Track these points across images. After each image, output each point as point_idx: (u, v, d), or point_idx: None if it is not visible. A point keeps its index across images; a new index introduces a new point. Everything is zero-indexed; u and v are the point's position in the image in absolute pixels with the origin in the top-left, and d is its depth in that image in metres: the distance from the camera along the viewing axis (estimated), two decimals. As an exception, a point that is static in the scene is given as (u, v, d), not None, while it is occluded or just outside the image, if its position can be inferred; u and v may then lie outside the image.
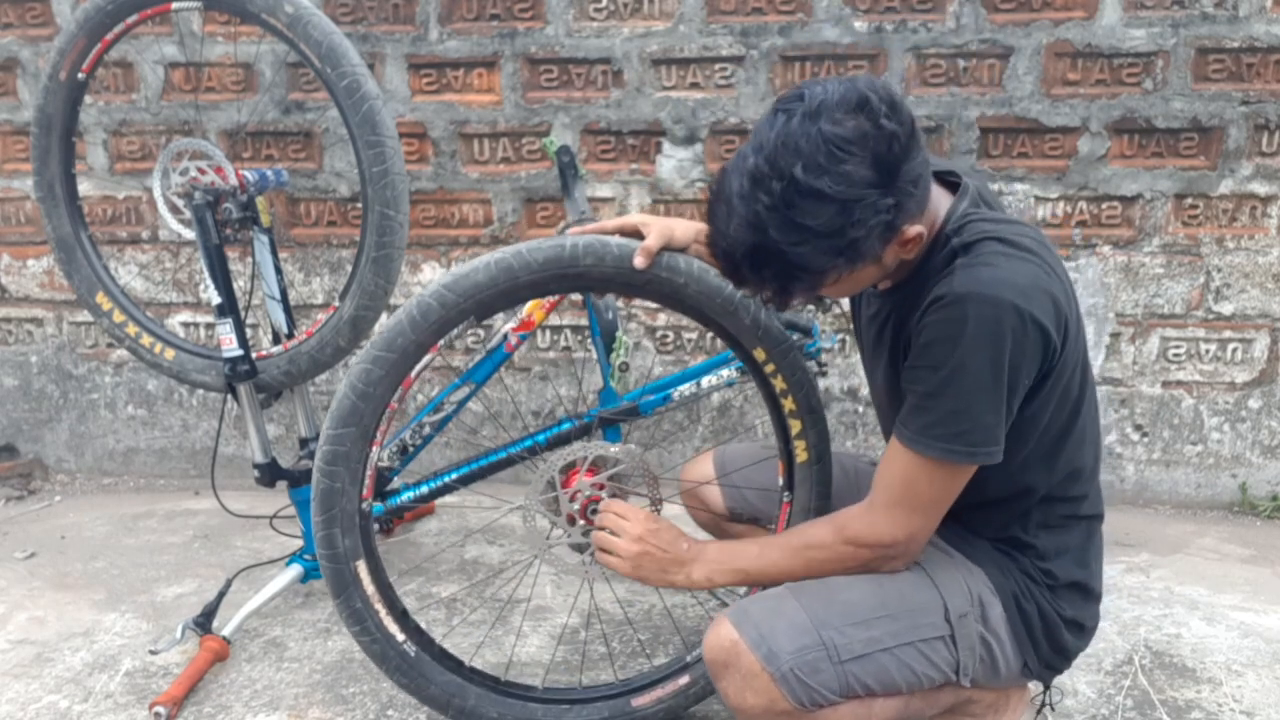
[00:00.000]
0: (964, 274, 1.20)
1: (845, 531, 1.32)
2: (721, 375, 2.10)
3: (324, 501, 1.48)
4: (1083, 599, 1.42)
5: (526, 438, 2.06)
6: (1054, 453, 1.34)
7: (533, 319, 2.06)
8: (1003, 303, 1.17)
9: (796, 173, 1.11)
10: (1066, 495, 1.38)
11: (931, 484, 1.26)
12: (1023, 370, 1.21)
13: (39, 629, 2.13)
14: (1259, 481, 2.77)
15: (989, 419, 1.21)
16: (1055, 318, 1.21)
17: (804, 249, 1.15)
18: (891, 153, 1.12)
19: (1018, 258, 1.22)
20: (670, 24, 2.63)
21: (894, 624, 1.32)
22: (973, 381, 1.19)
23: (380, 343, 1.46)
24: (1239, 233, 2.62)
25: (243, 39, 2.70)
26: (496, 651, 2.01)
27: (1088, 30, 2.53)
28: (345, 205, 2.82)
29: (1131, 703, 1.82)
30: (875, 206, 1.13)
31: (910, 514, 1.28)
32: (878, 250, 1.19)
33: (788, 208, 1.13)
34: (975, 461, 1.24)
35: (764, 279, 1.21)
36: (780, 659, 1.27)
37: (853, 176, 1.11)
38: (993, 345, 1.18)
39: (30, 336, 3.01)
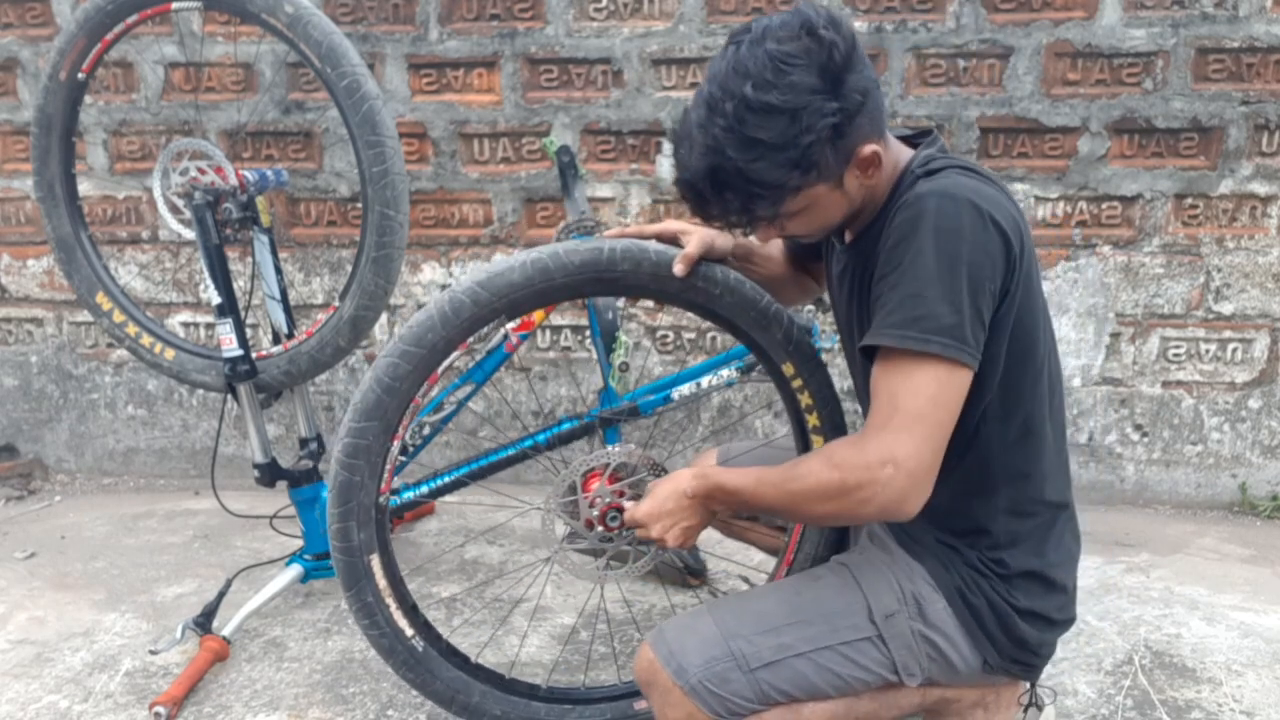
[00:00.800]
0: (924, 183, 1.24)
1: (833, 457, 1.24)
2: (721, 375, 2.10)
3: (342, 494, 1.47)
4: (1042, 589, 1.38)
5: (527, 437, 2.06)
6: (1011, 407, 1.32)
7: (533, 319, 2.07)
8: (961, 199, 1.19)
9: (746, 91, 1.17)
10: (1024, 470, 1.35)
11: (912, 390, 1.18)
12: (984, 270, 1.19)
13: (39, 629, 2.13)
14: (1259, 481, 2.77)
15: (945, 309, 1.17)
16: (1013, 227, 1.23)
17: (760, 164, 1.19)
18: (833, 61, 1.17)
19: (979, 180, 1.25)
20: (670, 24, 2.63)
21: (808, 629, 1.32)
22: (928, 268, 1.18)
23: (409, 337, 1.44)
24: (1239, 233, 2.62)
25: (243, 39, 2.70)
26: (497, 651, 2.01)
27: (1088, 30, 2.53)
28: (345, 205, 2.82)
29: (1131, 703, 1.82)
30: (821, 110, 1.17)
31: (898, 432, 1.18)
32: (831, 163, 1.22)
33: (741, 125, 1.18)
34: (931, 350, 1.17)
35: (726, 202, 1.25)
36: (689, 672, 1.29)
37: (798, 85, 1.16)
38: (952, 235, 1.19)
39: (30, 336, 3.01)
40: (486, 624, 2.13)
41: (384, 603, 1.52)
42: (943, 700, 1.44)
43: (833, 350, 2.65)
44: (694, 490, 1.36)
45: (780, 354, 1.54)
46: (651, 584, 2.28)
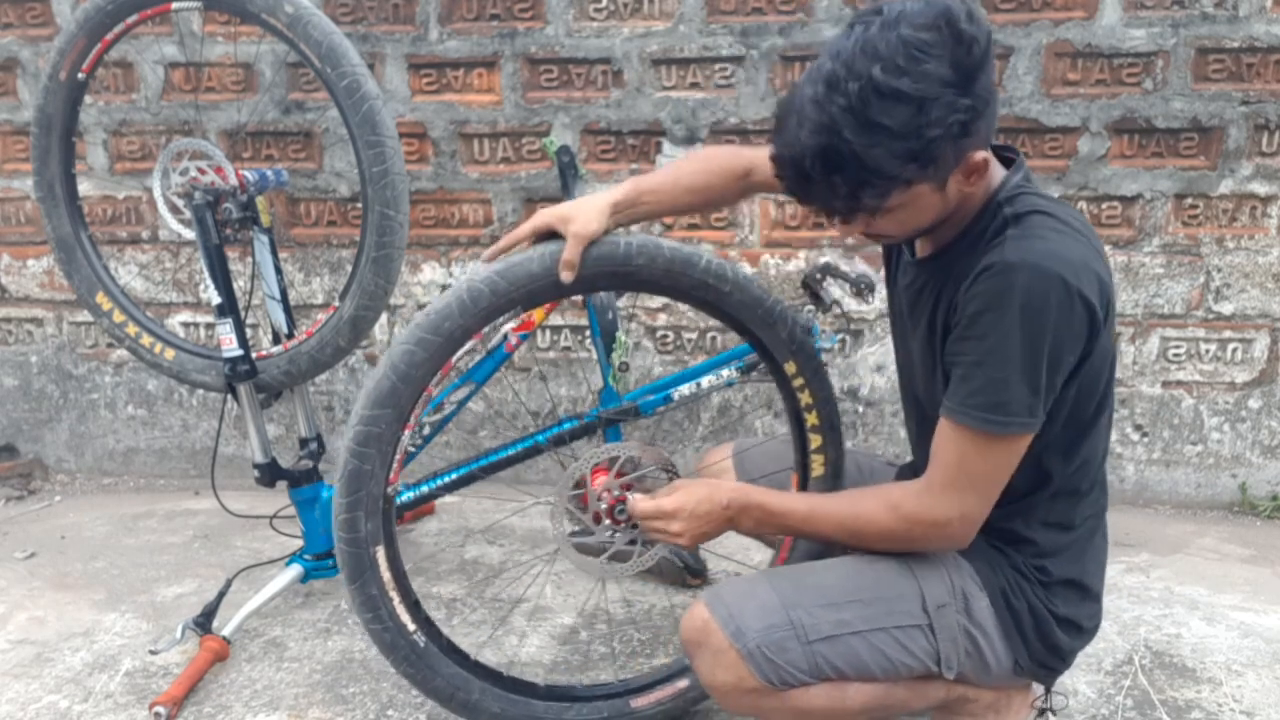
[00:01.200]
0: (1015, 244, 1.21)
1: (900, 510, 1.31)
2: (721, 375, 2.10)
3: (351, 483, 1.45)
4: (1079, 597, 1.41)
5: (527, 437, 2.06)
6: (1075, 442, 1.34)
7: (533, 319, 2.07)
8: (1052, 275, 1.18)
9: (875, 73, 1.11)
10: (1076, 489, 1.38)
11: (982, 459, 1.26)
12: (1066, 347, 1.21)
13: (39, 629, 2.13)
14: (1259, 481, 2.77)
15: (1026, 391, 1.21)
16: (1100, 298, 1.22)
17: (878, 150, 1.14)
18: (971, 56, 1.13)
19: (1069, 235, 1.23)
20: (670, 24, 2.63)
21: (866, 609, 1.34)
22: (1014, 352, 1.19)
23: (427, 325, 1.43)
24: (1239, 233, 2.62)
25: (243, 39, 2.70)
26: (497, 651, 2.01)
27: (1088, 30, 2.53)
28: (345, 205, 2.82)
29: (1131, 703, 1.82)
30: (953, 106, 1.13)
31: (964, 492, 1.28)
32: (949, 161, 1.18)
33: (864, 107, 1.12)
34: (1009, 432, 1.23)
35: (834, 185, 1.19)
36: (747, 636, 1.29)
37: (931, 75, 1.12)
38: (1038, 316, 1.18)
39: (30, 336, 3.01)
40: (486, 623, 2.13)
41: (388, 596, 1.51)
42: (962, 698, 1.45)
43: (832, 350, 2.65)
44: (731, 503, 1.38)
45: (784, 353, 1.55)
46: (651, 583, 2.28)
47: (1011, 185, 1.29)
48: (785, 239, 2.74)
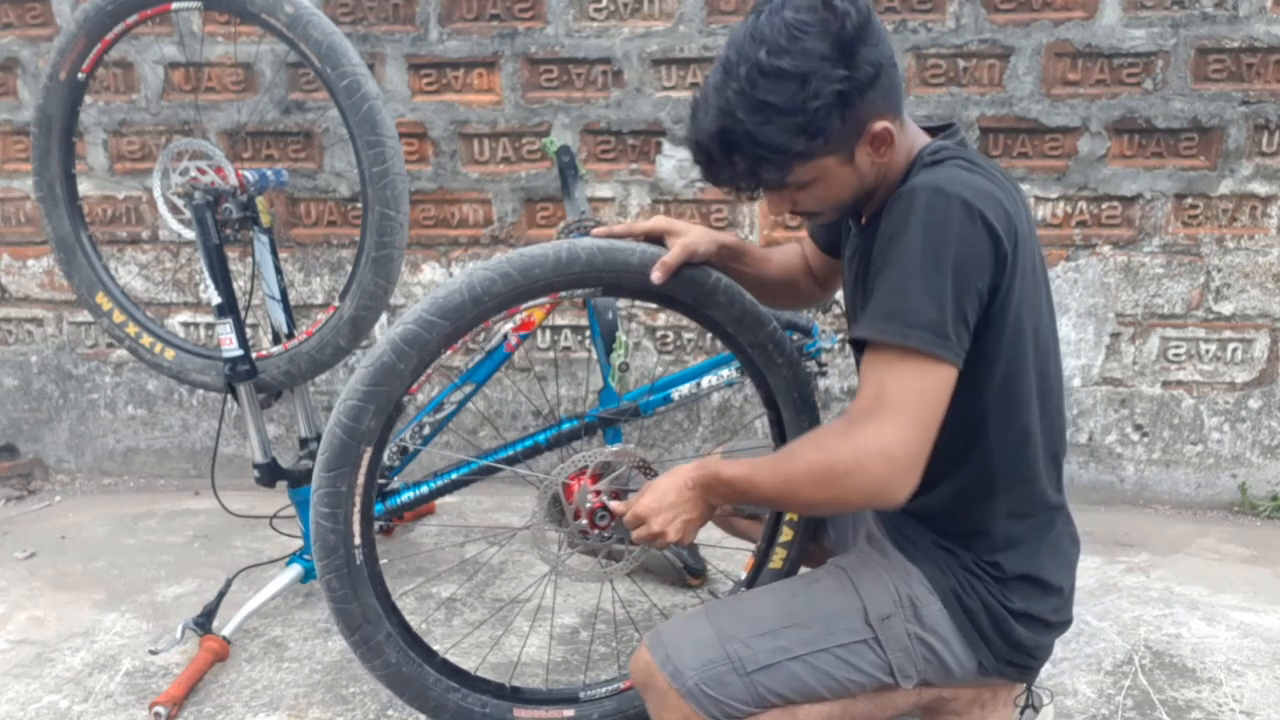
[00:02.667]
0: (920, 174, 1.26)
1: (820, 440, 1.26)
2: (721, 375, 2.10)
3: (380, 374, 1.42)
4: (1038, 592, 1.38)
5: (527, 438, 2.06)
6: (1013, 410, 1.32)
7: (533, 319, 2.07)
8: (952, 195, 1.20)
9: (760, 56, 1.19)
10: (1023, 474, 1.36)
11: (895, 379, 1.20)
12: (970, 265, 1.20)
13: (39, 629, 2.13)
14: (1259, 481, 2.77)
15: (927, 304, 1.18)
16: (1005, 226, 1.22)
17: (768, 128, 1.20)
18: (845, 30, 1.19)
19: (979, 172, 1.26)
20: (670, 24, 2.63)
21: (804, 632, 1.33)
22: (912, 262, 1.20)
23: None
24: (1239, 233, 2.62)
25: (243, 39, 2.70)
26: (496, 652, 2.01)
27: (1088, 30, 2.53)
28: (345, 205, 2.82)
29: (1131, 703, 1.82)
30: (829, 77, 1.19)
31: (881, 420, 1.19)
32: (840, 133, 1.22)
33: (752, 88, 1.20)
34: (912, 344, 1.18)
35: (734, 165, 1.26)
36: (685, 675, 1.29)
37: (809, 51, 1.18)
38: (938, 231, 1.19)
39: (30, 336, 3.01)
40: (486, 623, 2.13)
41: (352, 500, 1.46)
42: (939, 699, 1.44)
43: (833, 350, 2.66)
44: (694, 481, 1.35)
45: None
46: (651, 584, 2.28)
47: (934, 146, 1.32)
48: (785, 239, 2.74)
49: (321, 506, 1.46)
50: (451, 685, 1.57)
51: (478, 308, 1.43)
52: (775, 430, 1.70)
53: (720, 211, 2.74)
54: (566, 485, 1.52)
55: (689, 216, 2.75)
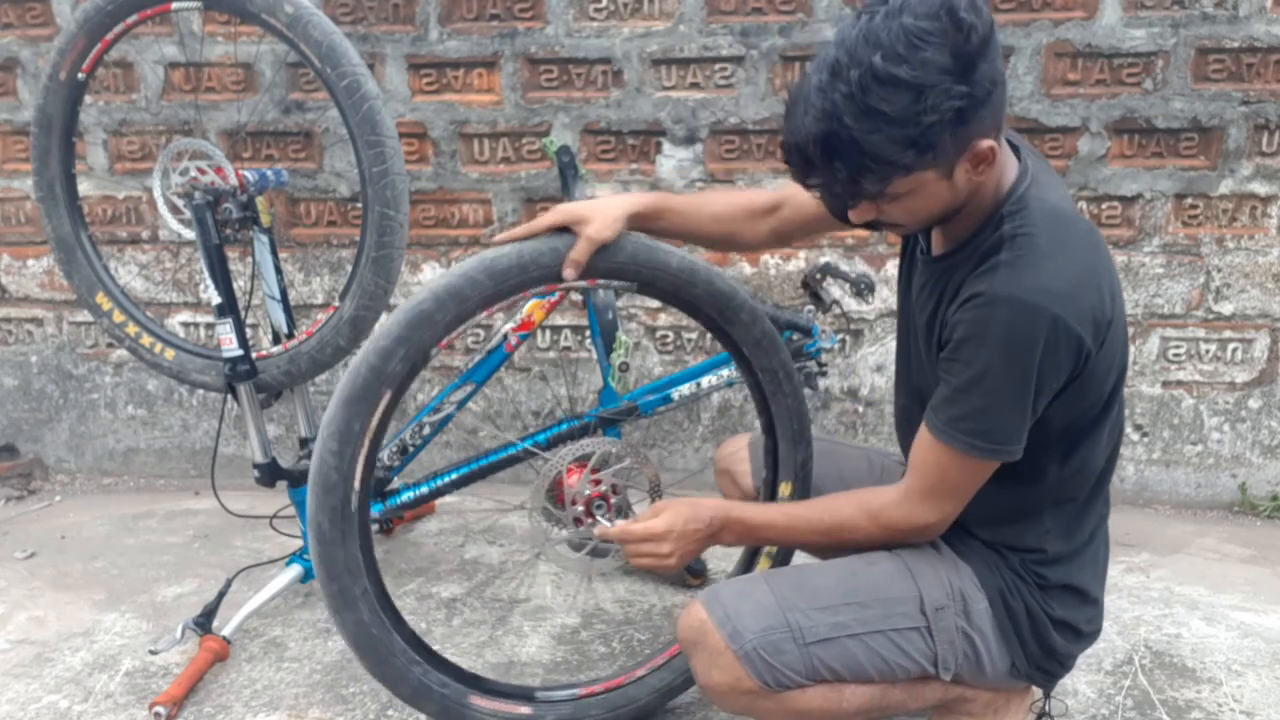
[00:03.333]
0: (1005, 272, 1.23)
1: (880, 518, 1.37)
2: (721, 375, 2.10)
3: (416, 320, 1.42)
4: (1076, 601, 1.41)
5: (527, 437, 2.06)
6: (1072, 448, 1.35)
7: (533, 319, 2.07)
8: (1040, 310, 1.19)
9: (875, 61, 1.13)
10: (1074, 497, 1.39)
11: (961, 473, 1.31)
12: (1050, 377, 1.24)
13: (39, 629, 2.13)
14: (1259, 481, 2.77)
15: (1013, 420, 1.26)
16: (1094, 323, 1.23)
17: (876, 136, 1.15)
18: (969, 44, 1.14)
19: (1064, 258, 1.23)
20: (670, 24, 2.63)
21: (864, 611, 1.35)
22: (1001, 384, 1.24)
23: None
24: (1239, 233, 2.62)
25: (243, 39, 2.70)
26: (497, 651, 2.01)
27: (1088, 30, 2.53)
28: (345, 205, 2.82)
29: (1131, 703, 1.82)
30: (949, 92, 1.13)
31: (942, 500, 1.34)
32: (948, 150, 1.18)
33: (864, 94, 1.14)
34: (996, 459, 1.29)
35: (834, 171, 1.20)
36: (744, 637, 1.30)
37: (929, 63, 1.13)
38: (1025, 352, 1.21)
39: (30, 336, 3.01)
40: (486, 623, 2.13)
41: (362, 439, 1.45)
42: (960, 698, 1.45)
43: (833, 351, 2.65)
44: (712, 520, 1.40)
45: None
46: (651, 583, 2.28)
47: (1016, 196, 1.28)
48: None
49: (330, 442, 1.43)
50: (415, 658, 1.55)
51: (523, 275, 1.43)
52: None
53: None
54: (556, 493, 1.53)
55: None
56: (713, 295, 1.53)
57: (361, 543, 1.48)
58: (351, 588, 1.47)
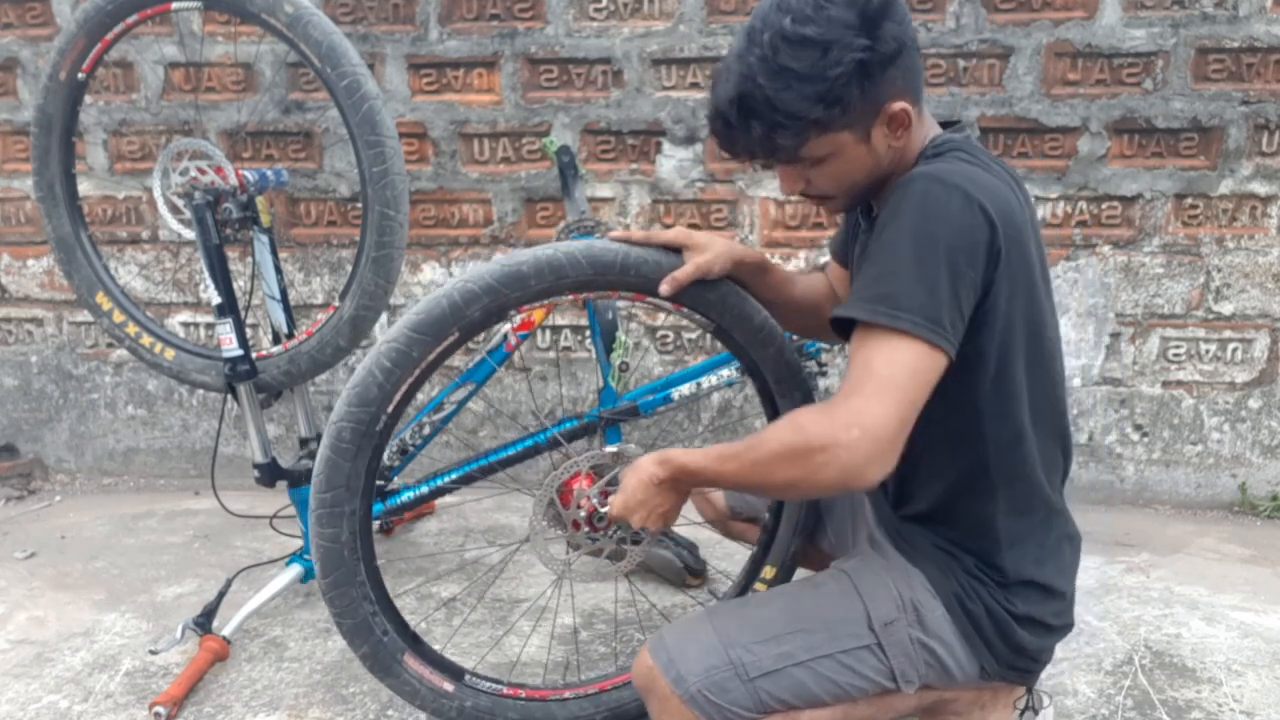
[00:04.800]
0: (924, 165, 1.27)
1: (796, 418, 1.23)
2: (721, 375, 2.10)
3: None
4: (1040, 595, 1.38)
5: (527, 438, 2.06)
6: (1007, 405, 1.31)
7: (533, 319, 2.07)
8: (949, 184, 1.20)
9: (785, 24, 1.20)
10: (1021, 471, 1.35)
11: (880, 357, 1.18)
12: (961, 251, 1.19)
13: (39, 629, 2.13)
14: (1259, 481, 2.77)
15: (919, 289, 1.17)
16: (1004, 218, 1.22)
17: (788, 94, 1.21)
18: (870, 4, 1.21)
19: (981, 165, 1.26)
20: (670, 24, 2.63)
21: (808, 638, 1.32)
22: (905, 247, 1.19)
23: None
24: (1239, 233, 2.62)
25: (243, 39, 2.70)
26: (497, 651, 2.02)
27: (1088, 30, 2.53)
28: (345, 205, 2.82)
29: (1131, 703, 1.82)
30: (851, 45, 1.20)
31: (866, 398, 1.16)
32: (858, 107, 1.23)
33: (775, 54, 1.21)
34: (902, 326, 1.17)
35: (750, 130, 1.26)
36: (687, 681, 1.29)
37: (834, 20, 1.20)
38: (932, 218, 1.20)
39: (30, 336, 3.01)
40: (486, 623, 2.13)
41: (413, 369, 1.44)
42: (940, 701, 1.44)
43: (833, 350, 2.65)
44: (659, 477, 1.35)
45: None
46: (651, 583, 2.28)
47: (940, 139, 1.32)
48: (785, 239, 2.74)
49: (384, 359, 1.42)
50: (370, 596, 1.54)
51: (623, 274, 1.47)
52: None
53: (720, 211, 2.74)
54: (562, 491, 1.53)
55: (689, 216, 2.75)
56: (779, 363, 1.58)
57: (368, 465, 1.48)
58: (343, 503, 1.47)
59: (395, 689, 1.58)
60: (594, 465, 1.54)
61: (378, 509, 2.09)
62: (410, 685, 1.57)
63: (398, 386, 1.44)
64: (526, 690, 1.66)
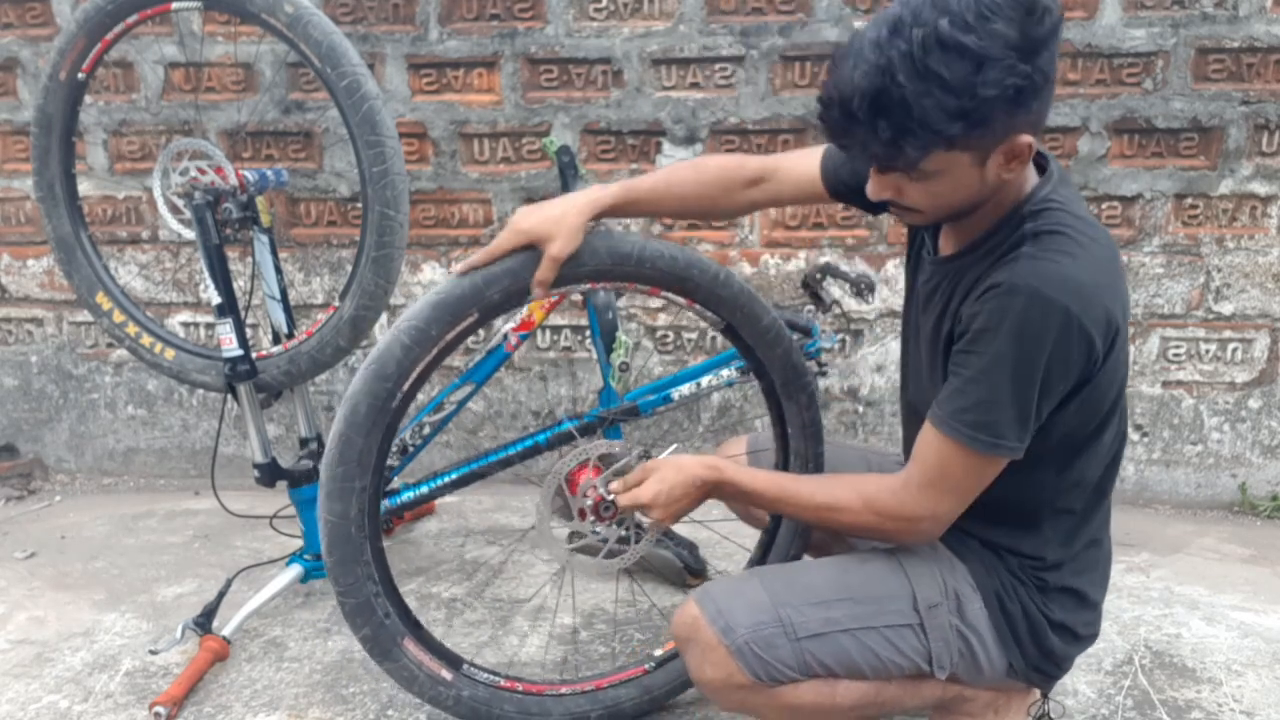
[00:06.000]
0: (1027, 264, 1.20)
1: (874, 504, 1.34)
2: (721, 375, 2.10)
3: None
4: (1076, 605, 1.41)
5: (527, 438, 2.06)
6: (1069, 460, 1.34)
7: (533, 319, 2.07)
8: (1055, 303, 1.17)
9: (941, 24, 1.09)
10: (1070, 508, 1.38)
11: (964, 469, 1.28)
12: (1057, 375, 1.22)
13: (39, 629, 2.13)
14: (1259, 481, 2.77)
15: (1012, 413, 1.23)
16: (1105, 328, 1.22)
17: (929, 100, 1.11)
18: (1041, 26, 1.11)
19: (1084, 260, 1.21)
20: (670, 24, 2.63)
21: (856, 607, 1.34)
22: (1006, 375, 1.21)
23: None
24: (1239, 233, 2.62)
25: (243, 39, 2.70)
26: (497, 651, 2.02)
27: (1088, 30, 2.53)
28: (345, 205, 2.82)
29: (1131, 703, 1.82)
30: (1012, 69, 1.10)
31: (941, 495, 1.30)
32: (996, 131, 1.15)
33: (924, 54, 1.10)
34: (996, 454, 1.25)
35: (878, 129, 1.14)
36: (736, 632, 1.30)
37: (997, 35, 1.09)
38: (1034, 345, 1.19)
39: (30, 336, 3.01)
40: (486, 623, 2.13)
41: (431, 347, 1.46)
42: (959, 697, 1.45)
43: (833, 350, 2.65)
44: (703, 480, 1.39)
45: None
46: (651, 583, 2.28)
47: (1039, 197, 1.27)
48: (785, 239, 2.74)
49: (404, 336, 1.45)
50: (373, 576, 1.54)
51: None
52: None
53: (722, 220, 2.73)
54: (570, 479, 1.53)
55: (689, 216, 2.75)
56: (786, 364, 1.63)
57: (381, 442, 1.49)
58: (354, 479, 1.48)
59: (393, 674, 1.58)
60: (602, 456, 1.54)
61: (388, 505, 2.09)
62: (408, 670, 1.57)
63: (415, 364, 1.45)
64: (524, 684, 1.66)
